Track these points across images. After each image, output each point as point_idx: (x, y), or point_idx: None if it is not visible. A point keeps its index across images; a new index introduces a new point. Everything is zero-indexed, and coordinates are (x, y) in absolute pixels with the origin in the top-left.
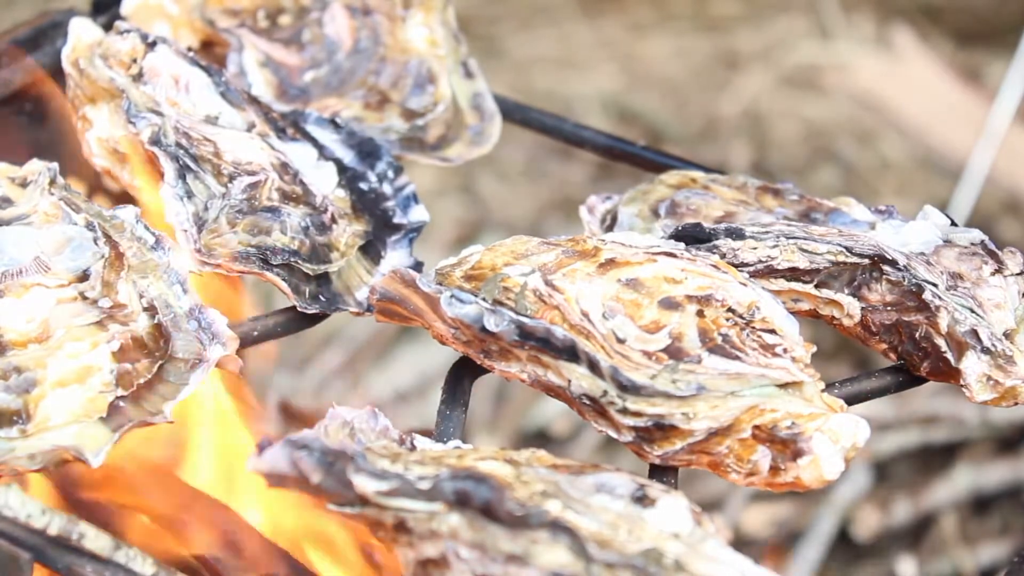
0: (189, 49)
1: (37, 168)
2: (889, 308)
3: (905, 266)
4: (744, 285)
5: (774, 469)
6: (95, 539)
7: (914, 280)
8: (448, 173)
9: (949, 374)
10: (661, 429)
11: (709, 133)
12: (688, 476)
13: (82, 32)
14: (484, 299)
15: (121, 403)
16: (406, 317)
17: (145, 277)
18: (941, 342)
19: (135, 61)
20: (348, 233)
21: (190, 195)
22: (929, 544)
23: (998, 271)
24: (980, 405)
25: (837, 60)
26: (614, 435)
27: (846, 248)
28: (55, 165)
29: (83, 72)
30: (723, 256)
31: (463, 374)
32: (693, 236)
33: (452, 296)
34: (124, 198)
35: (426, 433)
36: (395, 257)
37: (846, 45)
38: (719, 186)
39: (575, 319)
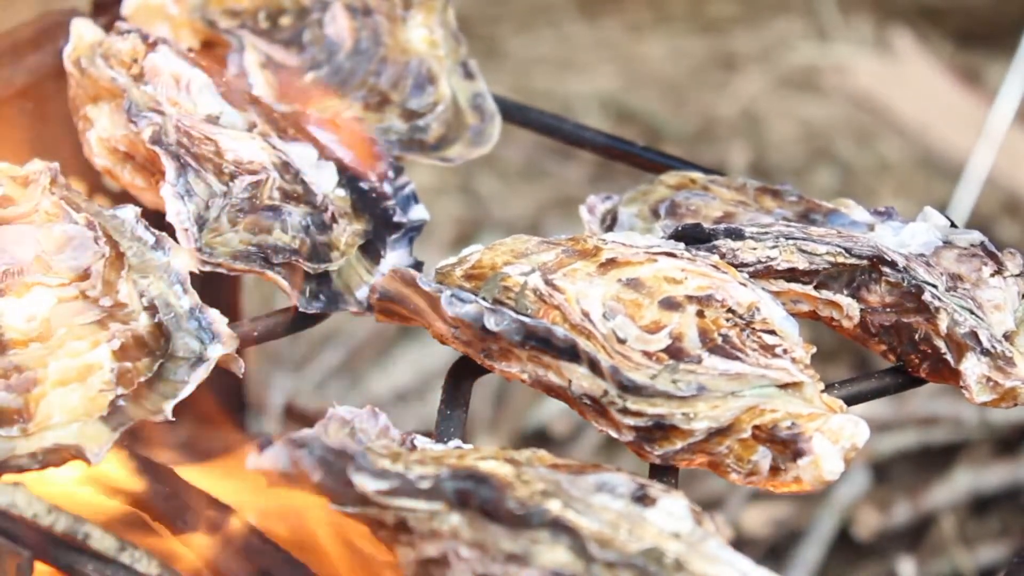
0: (190, 50)
1: (38, 168)
2: (888, 309)
3: (904, 267)
4: (744, 285)
5: (774, 469)
6: (100, 539)
7: (913, 281)
8: (448, 173)
9: (948, 375)
10: (661, 429)
11: (707, 133)
12: (688, 476)
13: (83, 32)
14: (484, 298)
15: (121, 402)
16: (406, 316)
17: (146, 277)
18: (940, 343)
19: (136, 61)
20: (348, 232)
21: (191, 194)
22: (929, 545)
23: (998, 272)
24: (979, 406)
25: (835, 61)
26: (615, 435)
27: (845, 249)
28: (56, 165)
29: (84, 72)
30: (723, 256)
31: (463, 374)
32: (693, 236)
33: (452, 295)
34: (124, 198)
35: (426, 433)
36: (395, 256)
37: (844, 46)
38: (718, 187)
39: (576, 319)
